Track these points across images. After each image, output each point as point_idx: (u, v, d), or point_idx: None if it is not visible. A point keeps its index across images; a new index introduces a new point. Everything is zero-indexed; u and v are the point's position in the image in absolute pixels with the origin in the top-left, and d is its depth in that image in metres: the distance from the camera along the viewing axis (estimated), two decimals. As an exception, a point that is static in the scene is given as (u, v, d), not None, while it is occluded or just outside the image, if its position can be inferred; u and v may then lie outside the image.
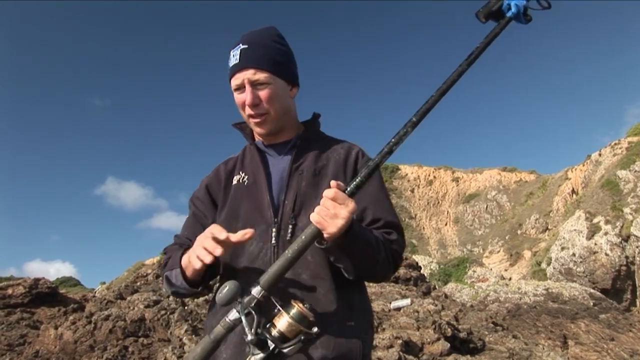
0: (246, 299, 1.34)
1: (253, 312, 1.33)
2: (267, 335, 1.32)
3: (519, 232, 48.41)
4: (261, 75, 1.70)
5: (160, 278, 1.86)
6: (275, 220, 1.66)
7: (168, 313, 6.80)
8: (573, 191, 46.62)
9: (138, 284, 9.24)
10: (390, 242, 1.65)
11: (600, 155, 43.48)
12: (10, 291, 10.48)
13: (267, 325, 1.34)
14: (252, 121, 1.76)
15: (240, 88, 1.72)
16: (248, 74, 1.70)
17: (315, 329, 1.34)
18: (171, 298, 7.41)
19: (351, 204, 1.39)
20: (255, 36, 1.76)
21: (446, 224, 60.22)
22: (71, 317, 7.26)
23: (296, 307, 1.33)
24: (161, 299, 7.34)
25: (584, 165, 47.15)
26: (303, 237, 1.38)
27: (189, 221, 1.90)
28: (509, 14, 1.63)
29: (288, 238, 1.63)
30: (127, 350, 6.19)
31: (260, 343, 1.30)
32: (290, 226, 1.64)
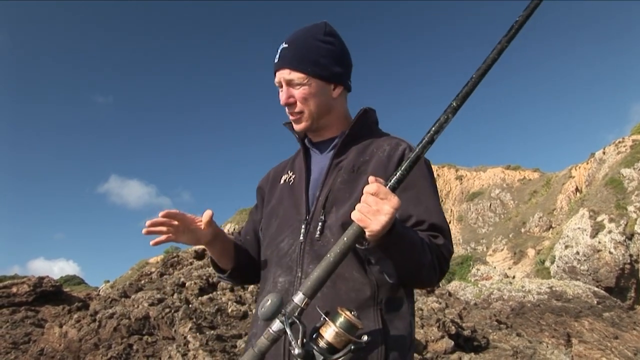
0: (289, 308, 1.28)
1: (297, 322, 1.26)
2: (314, 347, 1.24)
3: (522, 230, 48.29)
4: (295, 76, 1.71)
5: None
6: (307, 217, 1.66)
7: (172, 311, 6.81)
8: (577, 189, 46.48)
9: (142, 282, 9.24)
10: (437, 247, 1.55)
11: (604, 153, 43.33)
12: (14, 289, 10.51)
13: (314, 336, 1.27)
14: (291, 119, 1.80)
15: (280, 86, 1.76)
16: (284, 74, 1.72)
17: (365, 338, 1.26)
18: (175, 296, 7.43)
19: (394, 199, 1.30)
20: (298, 35, 1.76)
21: (450, 222, 59.83)
22: (75, 316, 7.26)
23: (343, 316, 1.25)
24: (165, 297, 7.35)
25: (587, 164, 46.99)
26: (345, 239, 1.30)
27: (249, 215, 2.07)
28: None
29: (317, 236, 1.61)
30: (132, 348, 6.20)
31: (308, 356, 1.22)
32: (320, 223, 1.62)
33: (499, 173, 62.08)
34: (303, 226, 1.65)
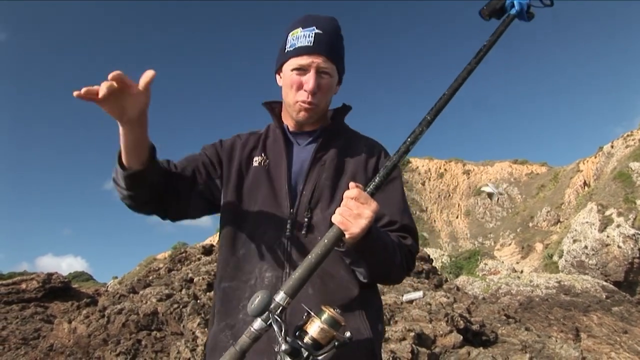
0: (271, 306, 1.28)
1: (280, 320, 1.27)
2: (299, 343, 1.26)
3: (530, 224, 48.18)
4: (329, 65, 1.69)
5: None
6: (292, 211, 1.65)
7: (181, 307, 6.83)
8: (585, 183, 46.33)
9: (150, 278, 9.27)
10: (406, 247, 1.64)
11: (612, 147, 43.18)
12: (24, 286, 10.59)
13: (297, 333, 1.29)
14: (301, 106, 1.71)
15: (303, 69, 1.68)
16: (319, 60, 1.67)
17: (348, 334, 1.28)
18: (183, 292, 7.44)
19: (374, 204, 1.36)
20: (328, 24, 1.73)
21: (457, 217, 60.04)
22: (84, 311, 7.30)
23: (327, 312, 1.28)
24: (173, 293, 7.37)
25: (595, 157, 46.85)
26: (326, 240, 1.34)
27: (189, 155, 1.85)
28: (512, 12, 1.63)
29: (303, 232, 1.62)
30: (140, 343, 6.22)
31: (293, 352, 1.24)
32: (306, 219, 1.63)
33: (507, 167, 62.01)
34: (289, 221, 1.63)
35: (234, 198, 1.75)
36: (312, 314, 1.29)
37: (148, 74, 1.37)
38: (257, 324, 1.27)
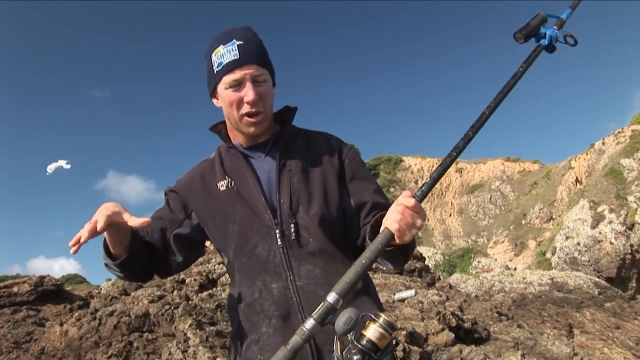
0: (321, 310, 1.30)
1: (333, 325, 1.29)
2: (359, 346, 1.26)
3: (523, 222, 48.37)
4: (261, 71, 1.69)
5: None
6: (276, 221, 1.65)
7: (172, 308, 6.82)
8: (577, 180, 46.52)
9: (142, 279, 9.26)
10: None
11: (603, 144, 43.38)
12: (15, 289, 10.53)
13: (355, 337, 1.29)
14: (248, 120, 1.70)
15: (238, 84, 1.67)
16: (251, 70, 1.66)
17: (399, 337, 1.30)
18: (175, 293, 7.44)
19: (424, 213, 1.42)
20: (245, 33, 1.72)
21: (450, 215, 60.16)
22: (76, 314, 7.28)
23: (383, 316, 1.29)
24: (165, 294, 7.36)
25: (587, 154, 47.03)
26: (379, 246, 1.38)
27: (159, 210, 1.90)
28: (542, 42, 1.68)
29: (293, 238, 1.64)
30: (132, 345, 6.21)
31: (362, 356, 1.25)
32: (292, 225, 1.65)
33: (499, 165, 62.16)
34: (277, 231, 1.64)
35: (210, 222, 1.78)
36: (368, 319, 1.30)
37: (145, 222, 1.52)
38: (310, 323, 1.27)
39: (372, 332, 1.27)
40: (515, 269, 27.96)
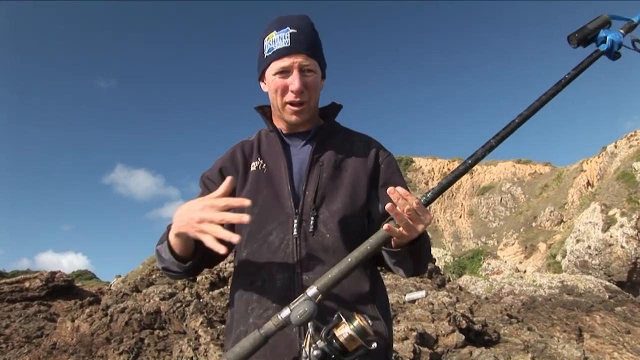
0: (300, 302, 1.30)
1: (316, 322, 1.29)
2: (328, 348, 1.26)
3: (533, 224, 48.09)
4: (310, 62, 1.68)
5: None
6: (297, 211, 1.64)
7: (183, 305, 6.85)
8: (588, 183, 46.20)
9: (153, 276, 9.29)
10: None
11: (615, 146, 43.01)
12: (27, 284, 10.62)
13: (326, 335, 1.28)
14: (290, 109, 1.71)
15: (286, 72, 1.67)
16: (300, 59, 1.66)
17: (374, 345, 1.28)
18: (186, 290, 7.46)
19: (429, 216, 1.42)
20: (301, 22, 1.72)
21: (460, 217, 59.99)
22: (87, 310, 7.32)
23: (358, 320, 1.27)
24: (176, 292, 7.39)
25: (599, 157, 46.70)
26: (368, 246, 1.36)
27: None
28: (601, 47, 1.56)
29: (310, 230, 1.62)
30: (143, 342, 6.24)
31: (324, 356, 1.24)
32: (312, 218, 1.63)
33: (510, 167, 61.88)
34: (295, 221, 1.63)
35: None
36: (344, 318, 1.29)
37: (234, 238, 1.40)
38: (285, 313, 1.29)
39: (341, 332, 1.27)
40: (525, 271, 27.81)
